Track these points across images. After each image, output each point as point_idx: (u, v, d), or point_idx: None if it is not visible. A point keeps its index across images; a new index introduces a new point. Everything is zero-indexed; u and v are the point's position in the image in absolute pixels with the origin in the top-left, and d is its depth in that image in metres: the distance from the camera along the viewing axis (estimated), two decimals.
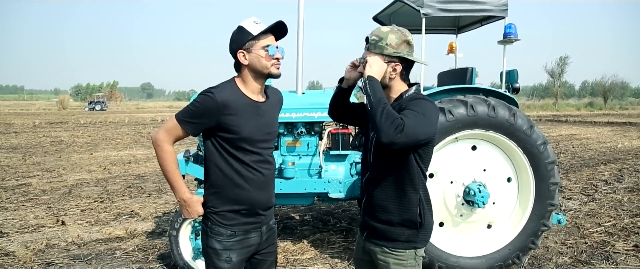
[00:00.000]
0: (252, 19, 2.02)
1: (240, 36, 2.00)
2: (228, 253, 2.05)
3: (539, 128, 3.92)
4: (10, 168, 9.80)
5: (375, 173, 2.02)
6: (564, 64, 56.64)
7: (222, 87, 2.03)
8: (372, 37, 1.96)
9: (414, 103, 1.87)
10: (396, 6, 4.63)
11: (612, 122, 26.25)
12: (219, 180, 2.06)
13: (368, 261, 2.13)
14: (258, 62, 2.00)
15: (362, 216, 2.13)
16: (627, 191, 7.52)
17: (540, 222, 3.93)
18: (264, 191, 2.13)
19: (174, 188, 2.07)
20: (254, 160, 2.06)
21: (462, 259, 3.89)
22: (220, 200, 2.07)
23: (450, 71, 5.18)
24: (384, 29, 1.96)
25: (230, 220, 2.06)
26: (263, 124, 2.09)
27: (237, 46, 2.00)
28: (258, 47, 1.99)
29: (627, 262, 4.39)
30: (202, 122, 1.98)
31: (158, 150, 2.02)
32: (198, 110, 1.97)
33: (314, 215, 6.08)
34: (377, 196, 2.01)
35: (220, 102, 1.95)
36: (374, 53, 1.95)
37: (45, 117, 30.23)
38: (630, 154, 12.09)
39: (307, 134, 4.35)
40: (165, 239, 4.87)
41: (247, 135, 2.02)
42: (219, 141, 2.03)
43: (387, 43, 1.93)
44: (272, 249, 2.26)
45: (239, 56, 2.00)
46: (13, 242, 4.94)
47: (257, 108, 2.07)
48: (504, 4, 4.18)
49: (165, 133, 2.01)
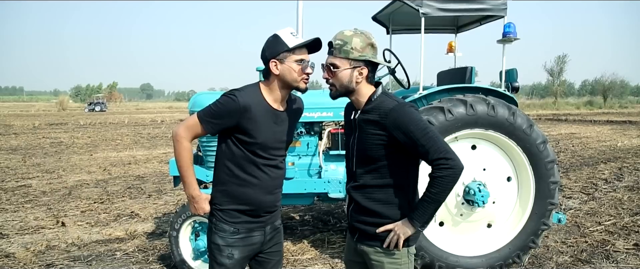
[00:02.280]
0: (289, 30, 2.05)
1: (276, 45, 2.02)
2: (230, 250, 2.10)
3: (538, 127, 3.92)
4: (10, 170, 9.80)
5: (361, 180, 2.01)
6: (563, 63, 56.71)
7: (246, 90, 2.06)
8: (337, 41, 1.92)
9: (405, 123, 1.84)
10: (395, 6, 4.63)
11: (611, 120, 26.23)
12: (227, 178, 2.11)
13: (360, 262, 2.13)
14: (289, 74, 2.03)
15: (350, 220, 2.12)
16: (627, 189, 7.52)
17: (540, 221, 3.93)
18: (271, 195, 2.17)
19: (186, 183, 2.12)
20: (264, 164, 2.11)
21: (463, 259, 3.89)
22: (226, 198, 2.12)
23: (449, 70, 5.18)
24: (348, 33, 1.93)
25: (234, 217, 2.11)
26: (279, 132, 2.14)
27: (271, 55, 2.03)
28: (292, 60, 2.01)
29: (627, 261, 4.39)
30: (222, 122, 2.03)
31: (177, 145, 2.07)
32: (220, 111, 2.01)
33: (314, 215, 6.08)
34: (365, 202, 2.00)
35: (242, 105, 1.99)
36: (339, 57, 1.91)
37: (44, 118, 30.21)
38: (630, 153, 12.09)
39: (307, 134, 4.35)
40: (165, 240, 4.87)
41: (261, 141, 2.06)
42: (233, 141, 2.07)
43: (352, 47, 1.90)
44: (277, 249, 2.29)
45: (271, 65, 2.03)
46: (13, 243, 4.94)
47: (276, 117, 2.11)
48: (503, 3, 4.18)
49: (185, 129, 2.06)
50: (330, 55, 1.95)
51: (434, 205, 1.87)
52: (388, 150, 1.92)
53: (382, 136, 1.90)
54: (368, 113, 1.95)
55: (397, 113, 1.87)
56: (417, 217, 1.90)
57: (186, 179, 2.11)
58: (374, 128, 1.92)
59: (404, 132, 1.85)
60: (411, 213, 1.94)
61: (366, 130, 1.95)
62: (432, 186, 1.85)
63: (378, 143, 1.91)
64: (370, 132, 1.93)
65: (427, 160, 1.86)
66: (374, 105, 1.94)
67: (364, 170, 1.99)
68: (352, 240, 2.13)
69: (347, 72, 1.92)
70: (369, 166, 1.98)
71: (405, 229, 1.92)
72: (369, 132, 1.94)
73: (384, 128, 1.88)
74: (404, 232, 1.93)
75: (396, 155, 1.93)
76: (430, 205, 1.87)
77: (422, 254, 3.77)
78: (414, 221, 1.91)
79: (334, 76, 1.94)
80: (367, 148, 1.95)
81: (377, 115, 1.91)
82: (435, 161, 1.83)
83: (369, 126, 1.94)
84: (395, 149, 1.91)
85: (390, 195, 1.97)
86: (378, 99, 1.95)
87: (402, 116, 1.86)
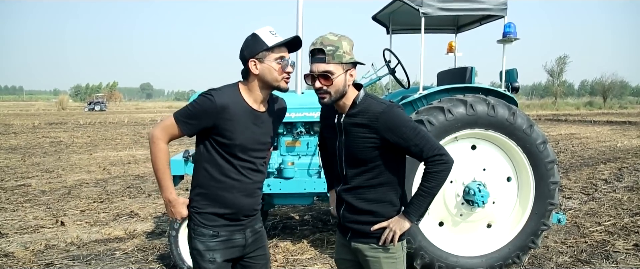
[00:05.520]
0: (268, 29, 2.00)
1: (255, 45, 1.97)
2: (212, 254, 2.04)
3: (538, 127, 3.92)
4: (9, 169, 9.79)
5: (353, 182, 2.01)
6: (563, 63, 56.70)
7: (223, 90, 2.00)
8: (328, 47, 1.84)
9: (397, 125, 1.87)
10: (395, 5, 4.62)
11: (611, 121, 26.25)
12: (205, 181, 2.05)
13: (352, 260, 2.14)
14: (269, 74, 1.98)
15: (341, 221, 2.10)
16: (626, 190, 7.52)
17: (540, 221, 3.93)
18: (250, 198, 2.10)
19: (162, 186, 2.05)
20: (244, 167, 2.05)
21: (462, 259, 3.89)
22: (205, 201, 2.06)
23: (449, 70, 5.18)
24: (333, 37, 1.88)
25: (213, 221, 2.05)
26: (259, 134, 2.07)
27: (250, 54, 1.97)
28: (271, 59, 1.97)
29: (627, 261, 4.39)
30: (199, 123, 1.97)
31: (152, 146, 2.00)
32: (196, 111, 1.95)
33: (313, 214, 6.07)
34: (358, 203, 2.00)
35: (219, 105, 1.93)
36: (333, 63, 1.86)
37: (44, 118, 30.21)
38: (629, 153, 12.09)
39: (307, 134, 4.35)
40: (165, 239, 4.86)
41: (240, 143, 2.00)
42: (211, 144, 2.01)
43: (344, 51, 1.87)
44: (262, 253, 2.22)
45: (250, 65, 1.98)
46: (12, 243, 4.93)
47: (255, 117, 2.04)
48: (503, 3, 4.18)
49: (161, 130, 2.00)
50: (322, 62, 1.86)
51: (430, 199, 1.92)
52: (379, 151, 1.93)
53: (374, 139, 1.90)
54: (355, 116, 1.94)
55: (387, 116, 1.88)
56: (413, 211, 1.94)
57: (162, 182, 2.04)
58: (364, 131, 1.91)
59: (397, 134, 1.87)
60: (406, 208, 1.97)
61: (355, 134, 1.94)
62: (427, 181, 1.90)
63: (369, 146, 1.92)
64: (360, 135, 1.93)
65: (420, 158, 1.91)
66: (361, 109, 1.93)
67: (356, 172, 1.99)
68: (343, 238, 2.13)
69: (342, 77, 1.89)
70: (360, 168, 1.98)
71: (402, 224, 1.96)
72: (358, 135, 1.93)
73: (376, 131, 1.89)
74: (400, 227, 1.96)
75: (387, 155, 1.95)
76: (426, 199, 1.92)
77: (422, 255, 3.77)
78: (410, 216, 1.95)
79: (331, 84, 1.87)
80: (357, 151, 1.95)
81: (366, 118, 1.91)
82: (430, 158, 1.89)
83: (357, 129, 1.93)
84: (386, 149, 1.93)
85: (382, 193, 1.99)
86: (363, 102, 1.94)
87: (393, 118, 1.88)
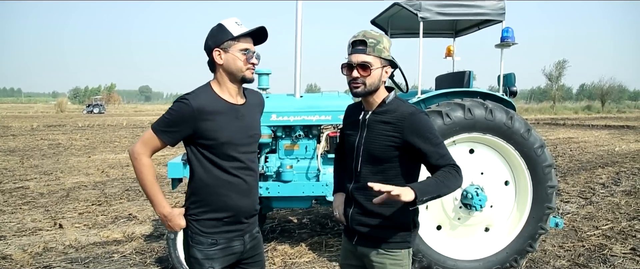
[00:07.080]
0: (234, 19, 1.98)
1: (220, 34, 1.94)
2: (210, 263, 2.00)
3: (536, 132, 3.93)
4: (7, 171, 9.77)
5: (364, 181, 1.97)
6: (562, 68, 56.77)
7: (197, 92, 1.97)
8: (370, 40, 1.90)
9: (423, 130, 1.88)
10: (394, 10, 4.64)
11: (609, 125, 26.29)
12: (200, 188, 2.00)
13: (358, 266, 2.12)
14: (234, 64, 1.95)
15: (349, 223, 2.07)
16: (624, 194, 7.53)
17: (537, 225, 3.94)
18: (247, 198, 2.06)
19: (153, 202, 1.99)
20: (236, 167, 2.00)
21: (460, 263, 3.90)
22: (201, 208, 2.01)
23: (448, 74, 5.20)
24: (376, 33, 1.94)
25: (211, 228, 2.00)
26: (244, 127, 2.03)
27: (215, 44, 1.95)
28: (236, 49, 1.94)
29: (624, 265, 4.40)
30: (179, 130, 1.92)
31: (135, 163, 1.94)
32: (173, 118, 1.91)
33: (311, 218, 6.07)
34: (368, 204, 1.97)
35: (196, 108, 1.89)
36: (373, 55, 1.90)
37: (43, 120, 30.15)
38: (627, 157, 12.12)
39: (305, 137, 4.36)
40: (163, 242, 4.86)
41: (227, 140, 1.96)
42: (199, 149, 1.97)
43: (384, 46, 1.93)
44: (258, 258, 2.19)
45: (215, 54, 1.95)
46: (10, 245, 4.92)
47: (235, 111, 2.01)
48: (501, 8, 4.20)
49: (142, 145, 1.95)
50: (362, 54, 1.90)
51: (439, 189, 1.79)
52: (397, 152, 1.93)
53: (395, 138, 1.91)
54: (381, 114, 1.97)
55: (415, 118, 1.90)
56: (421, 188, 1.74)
57: (153, 198, 1.98)
58: (388, 129, 1.93)
59: (421, 137, 1.88)
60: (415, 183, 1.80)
61: (377, 130, 1.95)
62: (445, 177, 1.81)
63: (389, 144, 1.92)
64: (383, 132, 1.94)
65: (435, 167, 1.88)
66: (389, 108, 1.96)
67: (369, 170, 1.98)
68: (349, 243, 2.11)
69: (379, 72, 1.94)
70: (375, 167, 1.97)
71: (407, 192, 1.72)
72: (380, 132, 1.94)
73: (400, 131, 1.90)
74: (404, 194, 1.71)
75: (403, 158, 1.94)
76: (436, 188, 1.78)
77: (420, 258, 3.77)
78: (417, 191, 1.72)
79: (369, 75, 1.91)
80: (376, 148, 1.95)
81: (394, 117, 1.93)
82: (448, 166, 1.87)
83: (381, 126, 1.95)
84: (404, 152, 1.93)
85: None
86: (393, 102, 1.98)
87: (420, 121, 1.90)
